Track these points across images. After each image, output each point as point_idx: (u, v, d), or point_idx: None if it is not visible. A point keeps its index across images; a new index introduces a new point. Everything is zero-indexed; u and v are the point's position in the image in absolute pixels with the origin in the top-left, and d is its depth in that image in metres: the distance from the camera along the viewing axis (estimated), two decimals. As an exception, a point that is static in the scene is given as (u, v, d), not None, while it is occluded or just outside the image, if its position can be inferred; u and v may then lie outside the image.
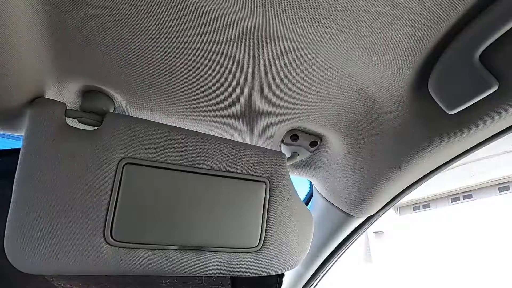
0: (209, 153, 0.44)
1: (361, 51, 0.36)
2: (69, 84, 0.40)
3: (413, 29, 0.33)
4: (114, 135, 0.39)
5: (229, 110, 0.46)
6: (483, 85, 0.34)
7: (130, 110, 0.45)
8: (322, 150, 0.58)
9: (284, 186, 0.49)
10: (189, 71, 0.38)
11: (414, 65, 0.38)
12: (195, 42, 0.34)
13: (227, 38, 0.34)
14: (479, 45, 0.32)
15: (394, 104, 0.44)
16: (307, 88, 0.42)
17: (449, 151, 0.45)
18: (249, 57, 0.37)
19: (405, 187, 0.56)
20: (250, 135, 0.52)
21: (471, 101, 0.35)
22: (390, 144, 0.48)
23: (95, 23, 0.32)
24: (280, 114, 0.47)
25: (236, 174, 0.45)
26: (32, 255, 0.33)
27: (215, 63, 0.38)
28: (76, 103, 0.43)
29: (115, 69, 0.38)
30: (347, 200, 0.61)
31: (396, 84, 0.40)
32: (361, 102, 0.45)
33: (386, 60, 0.37)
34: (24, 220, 0.33)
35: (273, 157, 0.49)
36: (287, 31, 0.33)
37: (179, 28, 0.33)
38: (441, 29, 0.33)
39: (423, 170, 0.51)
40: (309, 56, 0.37)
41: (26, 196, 0.34)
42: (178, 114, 0.46)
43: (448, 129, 0.41)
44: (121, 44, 0.34)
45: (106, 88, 0.41)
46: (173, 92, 0.42)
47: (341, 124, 0.50)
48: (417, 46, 0.35)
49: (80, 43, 0.34)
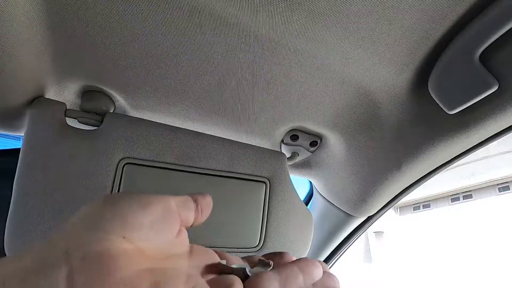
0: (209, 153, 0.44)
1: (361, 51, 0.36)
2: (69, 84, 0.40)
3: (413, 29, 0.33)
4: (114, 135, 0.39)
5: (229, 110, 0.46)
6: (483, 85, 0.34)
7: (130, 110, 0.45)
8: (322, 150, 0.58)
9: (284, 186, 0.49)
10: (189, 71, 0.38)
11: (414, 65, 0.38)
12: (195, 42, 0.34)
13: (227, 38, 0.34)
14: (479, 45, 0.32)
15: (394, 104, 0.44)
16: (307, 88, 0.42)
17: (449, 151, 0.44)
18: (249, 57, 0.37)
19: (405, 187, 0.56)
20: (250, 135, 0.52)
21: (471, 101, 0.35)
22: (390, 144, 0.48)
23: (95, 23, 0.32)
24: (280, 114, 0.47)
25: (236, 174, 0.45)
26: None
27: (215, 63, 0.38)
28: (76, 103, 0.43)
29: (115, 69, 0.38)
30: (347, 200, 0.61)
31: (396, 84, 0.40)
32: (361, 102, 0.45)
33: (386, 60, 0.37)
34: (24, 220, 0.33)
35: (273, 157, 0.49)
36: (287, 31, 0.33)
37: (179, 28, 0.33)
38: (440, 29, 0.33)
39: (423, 170, 0.51)
40: (309, 56, 0.37)
41: (26, 196, 0.34)
42: (178, 114, 0.46)
43: (448, 129, 0.41)
44: (121, 44, 0.34)
45: (106, 88, 0.41)
46: (173, 92, 0.42)
47: (341, 124, 0.50)
48: (417, 46, 0.35)
49: (80, 43, 0.34)
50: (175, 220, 0.21)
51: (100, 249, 0.16)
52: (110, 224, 0.17)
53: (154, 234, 0.19)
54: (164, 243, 0.20)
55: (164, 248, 0.20)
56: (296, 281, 0.21)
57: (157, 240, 0.19)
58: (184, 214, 0.22)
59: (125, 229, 0.17)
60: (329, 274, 0.25)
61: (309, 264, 0.23)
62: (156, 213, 0.19)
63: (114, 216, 0.18)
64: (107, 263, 0.15)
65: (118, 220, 0.18)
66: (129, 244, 0.17)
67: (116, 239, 0.17)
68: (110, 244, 0.16)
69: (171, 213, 0.21)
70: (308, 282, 0.22)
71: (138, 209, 0.19)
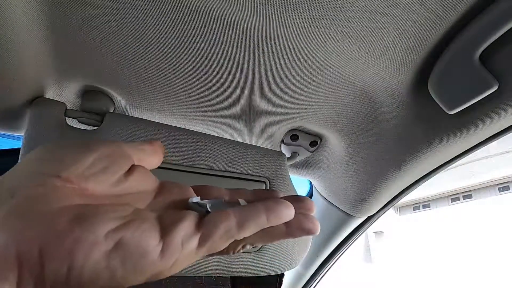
0: (209, 153, 0.44)
1: (361, 51, 0.36)
2: (69, 84, 0.40)
3: (413, 29, 0.33)
4: (114, 135, 0.39)
5: (229, 110, 0.46)
6: (483, 85, 0.34)
7: (130, 110, 0.45)
8: (322, 150, 0.58)
9: (284, 186, 0.49)
10: (189, 71, 0.38)
11: (414, 65, 0.38)
12: (195, 42, 0.34)
13: (227, 37, 0.34)
14: (479, 45, 0.32)
15: (394, 104, 0.44)
16: (307, 88, 0.42)
17: (449, 151, 0.44)
18: (249, 56, 0.37)
19: (405, 187, 0.56)
20: (250, 135, 0.52)
21: (471, 101, 0.35)
22: (390, 144, 0.48)
23: (95, 23, 0.32)
24: (280, 114, 0.47)
25: (236, 174, 0.45)
26: None
27: (215, 62, 0.38)
28: (76, 103, 0.43)
29: (115, 69, 0.38)
30: (347, 200, 0.61)
31: (396, 84, 0.41)
32: (361, 102, 0.45)
33: (386, 60, 0.37)
34: None
35: (273, 157, 0.49)
36: (287, 30, 0.33)
37: (179, 28, 0.33)
38: (440, 29, 0.33)
39: (423, 170, 0.51)
40: (309, 56, 0.37)
41: None
42: (178, 114, 0.46)
43: (448, 129, 0.41)
44: (121, 44, 0.34)
45: (106, 88, 0.41)
46: (173, 92, 0.42)
47: (341, 124, 0.50)
48: (417, 46, 0.35)
49: (80, 43, 0.34)
50: (124, 159, 0.21)
51: (32, 188, 0.17)
52: (46, 165, 0.19)
53: (99, 173, 0.19)
54: (114, 181, 0.20)
55: (115, 186, 0.20)
56: (257, 220, 0.20)
57: (103, 178, 0.20)
58: (137, 154, 0.23)
59: (61, 169, 0.18)
60: (307, 216, 0.24)
61: (278, 203, 0.22)
62: (101, 153, 0.20)
63: (52, 158, 0.19)
64: (33, 200, 0.16)
65: (55, 161, 0.19)
66: (64, 183, 0.18)
67: (49, 178, 0.18)
68: (42, 182, 0.17)
69: (119, 152, 0.21)
70: (274, 222, 0.21)
71: (80, 150, 0.20)
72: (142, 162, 0.23)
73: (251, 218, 0.20)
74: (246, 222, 0.20)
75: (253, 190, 0.28)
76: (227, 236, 0.20)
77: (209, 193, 0.27)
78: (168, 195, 0.24)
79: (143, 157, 0.23)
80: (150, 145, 0.24)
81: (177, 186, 0.25)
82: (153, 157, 0.24)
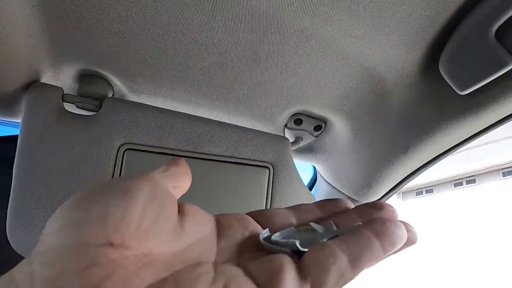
0: (211, 138, 0.43)
1: (368, 29, 0.34)
2: (65, 68, 0.38)
3: (423, 4, 0.31)
4: (113, 120, 0.38)
5: (231, 94, 0.45)
6: (498, 63, 0.32)
7: (129, 95, 0.44)
8: (327, 134, 0.56)
9: (288, 171, 0.48)
10: (188, 51, 0.37)
11: (424, 43, 0.36)
12: (194, 20, 0.33)
13: (227, 15, 0.32)
14: (495, 20, 0.30)
15: (403, 86, 0.42)
16: (311, 69, 0.40)
17: (458, 134, 0.43)
18: (251, 37, 0.35)
19: (411, 172, 0.55)
20: (253, 119, 0.51)
21: (485, 81, 0.34)
22: (397, 127, 0.47)
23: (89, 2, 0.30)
24: (283, 97, 0.46)
25: (239, 159, 0.44)
26: (35, 240, 0.33)
27: (215, 44, 0.36)
28: (73, 88, 0.42)
29: (112, 52, 0.36)
30: (351, 185, 0.60)
31: (404, 64, 0.39)
32: (368, 84, 0.43)
33: (394, 39, 0.35)
34: (25, 206, 0.33)
35: (277, 142, 0.48)
36: (290, 8, 0.31)
37: (177, 6, 0.31)
38: (453, 4, 0.31)
39: (430, 154, 0.49)
40: (314, 35, 0.35)
41: (26, 183, 0.33)
42: (179, 98, 0.45)
43: (459, 110, 0.40)
44: (117, 24, 0.33)
45: (104, 72, 0.40)
46: (173, 75, 0.41)
47: (347, 107, 0.48)
48: (428, 23, 0.33)
49: (74, 24, 0.32)
50: (167, 197, 0.16)
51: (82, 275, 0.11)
52: (86, 229, 0.12)
53: (154, 225, 0.14)
54: (171, 232, 0.15)
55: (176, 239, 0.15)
56: (372, 252, 0.15)
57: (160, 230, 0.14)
58: (169, 183, 0.17)
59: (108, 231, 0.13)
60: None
61: (387, 224, 0.16)
62: (146, 196, 0.14)
63: (88, 216, 0.13)
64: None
65: (94, 220, 0.13)
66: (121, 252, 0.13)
67: (99, 250, 0.12)
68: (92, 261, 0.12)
69: (158, 188, 0.16)
70: (389, 250, 0.16)
71: (119, 196, 0.14)
72: (177, 190, 0.18)
73: (364, 250, 0.15)
74: (359, 257, 0.15)
75: (316, 203, 0.23)
76: (343, 280, 0.15)
77: (270, 217, 0.21)
78: (232, 233, 0.19)
79: (176, 183, 0.18)
80: (177, 166, 0.18)
81: (234, 218, 0.20)
82: (186, 178, 0.19)
